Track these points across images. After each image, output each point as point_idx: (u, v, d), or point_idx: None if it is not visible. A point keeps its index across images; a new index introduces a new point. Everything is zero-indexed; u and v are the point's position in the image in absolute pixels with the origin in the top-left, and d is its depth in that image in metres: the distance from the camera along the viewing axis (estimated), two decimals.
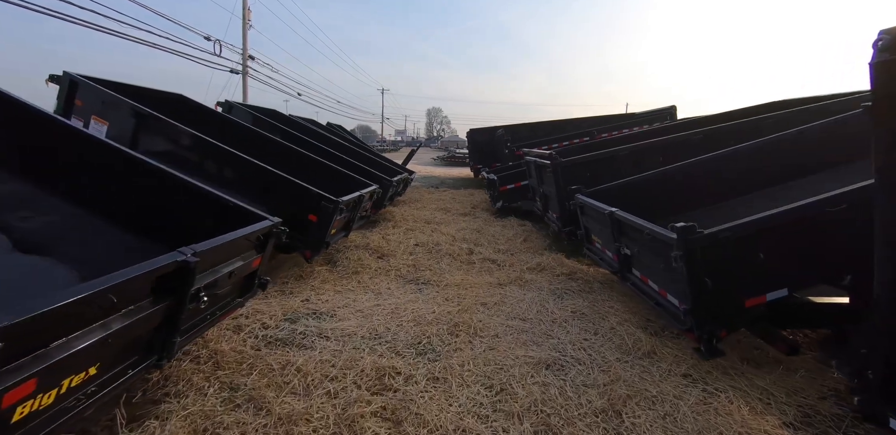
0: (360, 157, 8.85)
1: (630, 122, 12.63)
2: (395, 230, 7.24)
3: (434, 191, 13.89)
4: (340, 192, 5.13)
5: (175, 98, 6.10)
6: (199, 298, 2.07)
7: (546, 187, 6.81)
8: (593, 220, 4.80)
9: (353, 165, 7.15)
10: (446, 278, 4.87)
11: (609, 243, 4.40)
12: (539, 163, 6.80)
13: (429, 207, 10.12)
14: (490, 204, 10.50)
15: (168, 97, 6.05)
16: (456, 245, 6.36)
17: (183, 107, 6.02)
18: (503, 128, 13.40)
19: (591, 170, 5.95)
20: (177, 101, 6.11)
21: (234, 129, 6.01)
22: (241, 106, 7.43)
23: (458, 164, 29.64)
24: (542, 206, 7.35)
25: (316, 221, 4.18)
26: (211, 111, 6.13)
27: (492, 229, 7.80)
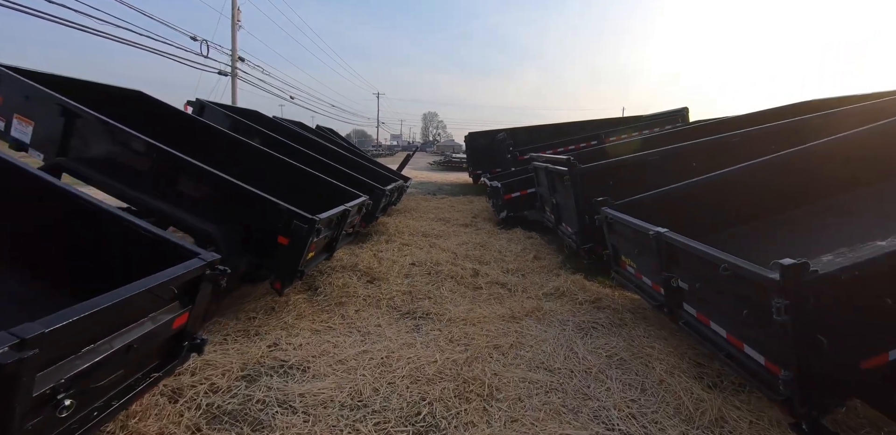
0: (350, 163, 8.01)
1: (640, 124, 11.89)
2: (389, 246, 6.40)
3: (431, 198, 13.06)
4: (324, 205, 4.30)
5: (132, 95, 5.26)
6: (56, 406, 1.24)
7: (560, 197, 6.00)
8: (627, 239, 3.98)
9: (341, 174, 6.32)
10: (449, 310, 4.03)
11: (651, 271, 3.59)
12: (552, 169, 5.99)
13: (426, 217, 9.28)
14: (493, 213, 9.68)
15: (123, 94, 5.20)
16: (458, 264, 5.52)
17: (140, 106, 5.18)
18: (505, 131, 12.63)
19: (614, 177, 5.15)
20: (134, 99, 5.26)
21: (199, 132, 5.17)
22: (215, 106, 6.60)
23: (455, 169, 28.86)
24: (553, 218, 6.53)
25: (287, 245, 3.34)
26: (174, 111, 5.29)
27: (497, 243, 6.97)
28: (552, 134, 13.72)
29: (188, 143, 5.18)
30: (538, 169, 7.15)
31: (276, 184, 5.30)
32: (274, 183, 5.30)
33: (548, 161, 6.37)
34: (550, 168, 6.06)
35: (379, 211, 6.58)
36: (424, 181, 19.43)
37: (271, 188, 5.32)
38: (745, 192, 4.33)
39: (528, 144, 12.33)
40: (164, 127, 5.08)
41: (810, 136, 4.94)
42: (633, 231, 3.65)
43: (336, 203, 4.46)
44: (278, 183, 5.30)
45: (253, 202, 3.37)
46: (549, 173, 6.20)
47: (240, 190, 3.35)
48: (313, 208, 4.43)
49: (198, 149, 5.20)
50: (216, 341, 3.27)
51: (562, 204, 5.96)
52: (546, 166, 6.23)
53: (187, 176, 3.43)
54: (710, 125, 7.47)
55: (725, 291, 2.52)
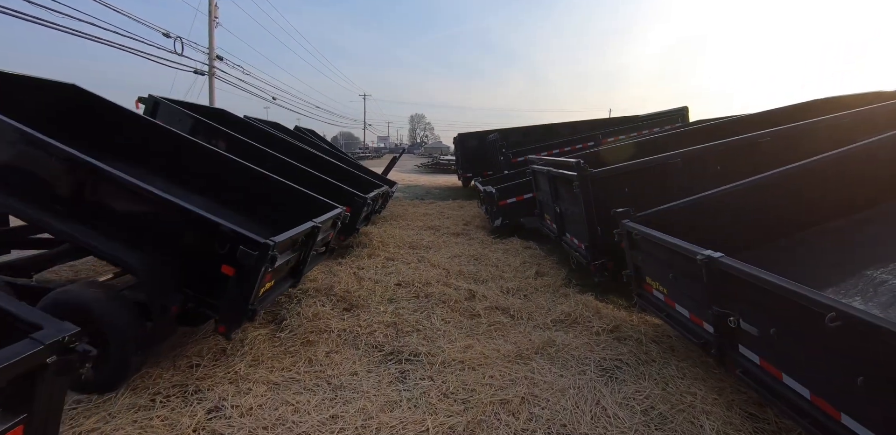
0: (329, 168, 7.25)
1: (639, 124, 11.31)
2: (372, 262, 5.65)
3: (419, 203, 12.32)
4: (293, 219, 3.56)
5: (63, 89, 4.44)
6: None
7: (565, 205, 5.32)
8: (655, 260, 3.30)
9: (316, 181, 5.56)
10: (442, 348, 3.30)
11: (693, 302, 2.91)
12: (555, 174, 5.31)
13: (414, 225, 8.54)
14: (486, 220, 8.98)
15: (52, 88, 4.39)
16: (451, 284, 4.80)
17: (70, 103, 4.37)
18: (496, 132, 11.96)
19: (630, 183, 4.49)
20: (67, 94, 4.45)
21: (143, 134, 4.38)
22: (170, 103, 5.79)
23: (443, 172, 28.15)
24: (556, 228, 5.85)
25: (233, 276, 2.58)
26: (115, 109, 4.48)
27: (493, 255, 6.27)
28: (545, 135, 13.09)
29: (129, 147, 4.40)
30: (538, 173, 6.47)
31: (238, 195, 4.54)
32: (236, 194, 4.54)
33: (550, 164, 5.68)
34: (554, 172, 5.38)
35: (360, 222, 5.83)
36: (412, 185, 18.68)
37: (232, 200, 4.58)
38: (788, 199, 3.69)
39: (521, 146, 11.68)
40: (101, 128, 4.29)
41: (850, 135, 4.35)
42: (668, 251, 2.97)
43: (307, 216, 3.73)
44: (241, 193, 4.53)
45: (187, 222, 2.60)
46: (552, 178, 5.52)
47: (171, 206, 2.59)
48: (280, 224, 3.71)
49: (141, 154, 4.42)
50: (141, 405, 2.50)
51: (567, 213, 5.27)
52: (548, 170, 5.54)
53: (103, 189, 2.65)
54: (723, 124, 6.86)
55: (829, 346, 1.83)
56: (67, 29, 11.70)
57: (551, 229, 6.19)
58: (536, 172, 6.50)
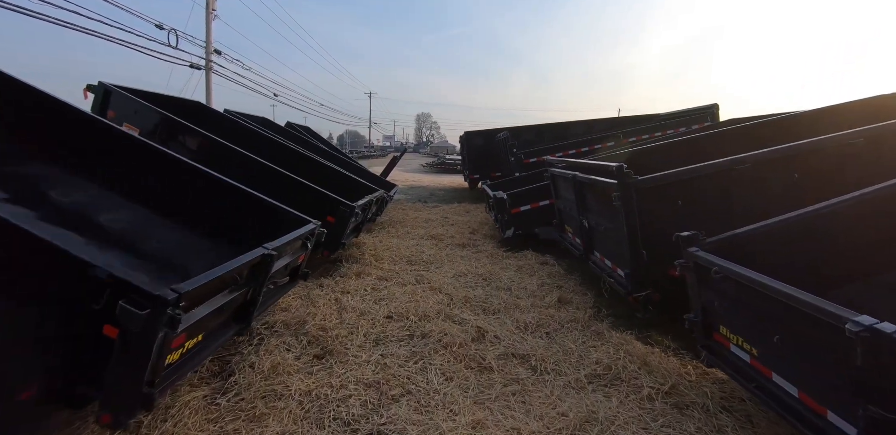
0: (317, 171, 6.34)
1: (665, 123, 10.29)
2: (360, 283, 4.72)
3: (422, 207, 11.38)
4: (259, 238, 2.66)
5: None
6: None
7: (596, 218, 4.36)
8: (746, 308, 2.35)
9: (298, 187, 4.63)
10: (441, 430, 2.35)
11: (819, 385, 1.94)
12: (582, 180, 4.36)
13: (414, 234, 7.60)
14: (494, 228, 8.03)
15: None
16: (454, 317, 3.86)
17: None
18: (506, 130, 10.98)
19: (684, 195, 3.53)
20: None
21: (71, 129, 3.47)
22: (125, 93, 4.88)
23: (448, 172, 27.23)
24: (582, 244, 4.89)
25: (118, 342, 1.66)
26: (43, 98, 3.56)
27: (505, 274, 5.31)
28: (559, 134, 12.11)
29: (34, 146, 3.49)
30: (558, 177, 5.51)
31: (195, 208, 3.62)
32: (192, 207, 3.62)
33: (575, 167, 4.72)
34: (581, 178, 4.42)
35: (347, 235, 4.90)
36: (415, 185, 17.75)
37: (184, 214, 3.68)
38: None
39: (533, 145, 10.72)
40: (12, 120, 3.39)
41: None
42: (776, 303, 2.01)
43: (275, 234, 2.83)
44: (200, 207, 3.61)
45: (39, 257, 1.67)
46: (579, 185, 4.56)
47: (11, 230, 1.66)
48: (244, 245, 2.81)
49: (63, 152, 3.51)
50: None
51: (598, 228, 4.31)
52: (573, 175, 4.58)
53: None
54: (772, 122, 5.85)
55: None
56: (46, 16, 10.87)
57: (575, 245, 5.23)
58: (557, 177, 5.54)
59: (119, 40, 14.07)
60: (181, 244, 3.36)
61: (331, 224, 4.57)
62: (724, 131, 5.76)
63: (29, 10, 10.18)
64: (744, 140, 5.39)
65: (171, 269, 3.13)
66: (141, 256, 3.14)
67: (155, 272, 3.07)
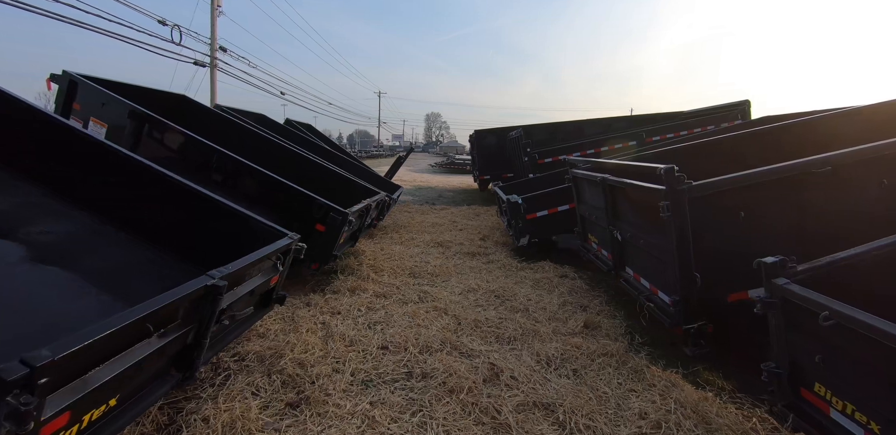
0: (310, 171, 5.76)
1: (692, 121, 9.54)
2: (354, 301, 4.09)
3: (428, 209, 10.75)
4: (231, 253, 2.07)
5: None
6: None
7: (631, 230, 3.69)
8: (868, 369, 1.68)
9: (286, 191, 4.03)
10: None
11: None
12: (614, 183, 3.70)
13: (419, 240, 6.97)
14: (506, 233, 7.37)
15: None
16: (462, 348, 3.22)
17: None
18: (519, 128, 10.31)
19: (747, 204, 2.85)
20: None
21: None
22: (92, 84, 4.32)
23: (457, 172, 26.63)
24: (611, 257, 4.23)
25: None
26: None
27: (521, 291, 4.66)
28: (574, 133, 11.40)
29: None
30: (582, 180, 4.85)
31: (147, 215, 3.03)
32: (145, 213, 3.03)
33: (606, 169, 4.06)
34: (613, 181, 3.75)
35: (340, 246, 4.28)
36: (423, 186, 17.13)
37: (131, 224, 3.08)
38: None
39: (546, 145, 10.03)
40: None
41: None
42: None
43: (240, 250, 2.24)
44: (153, 214, 3.02)
45: None
46: (611, 189, 3.90)
47: None
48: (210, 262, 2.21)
49: None
50: None
51: (635, 241, 3.64)
52: (603, 179, 3.92)
53: None
54: (822, 120, 5.11)
55: None
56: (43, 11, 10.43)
57: (601, 258, 4.56)
58: (580, 179, 4.88)
59: (117, 35, 13.64)
60: (130, 263, 2.77)
61: (321, 233, 3.96)
62: (761, 131, 5.02)
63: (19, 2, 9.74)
64: (785, 136, 4.71)
65: (113, 293, 2.54)
66: (78, 276, 2.55)
67: (93, 297, 2.48)
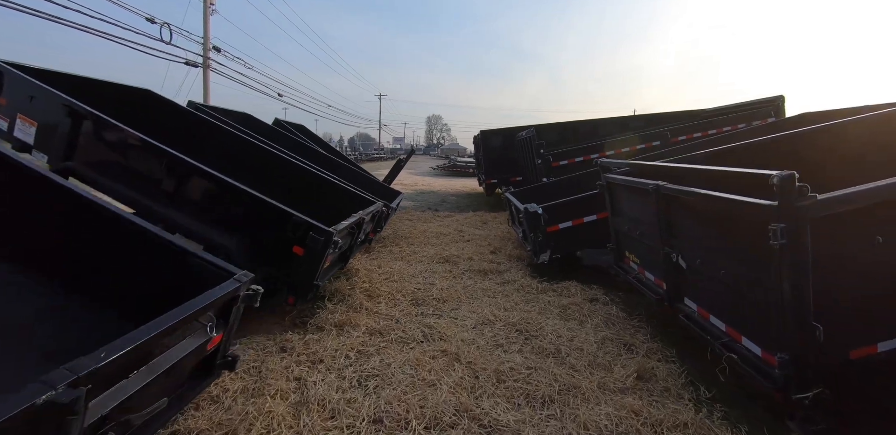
0: (295, 178, 4.95)
1: (717, 120, 8.69)
2: (340, 341, 3.24)
3: (432, 216, 9.90)
4: (152, 300, 1.32)
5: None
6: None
7: (702, 254, 2.84)
8: None
9: (247, 205, 3.18)
10: None
11: None
12: (670, 193, 2.85)
13: (422, 255, 6.13)
14: (519, 243, 6.53)
15: None
16: (483, 420, 2.38)
17: None
18: (531, 128, 9.47)
19: (883, 226, 2.01)
20: None
21: None
22: (20, 73, 3.50)
23: (460, 175, 25.83)
24: (664, 285, 3.38)
25: None
26: None
27: (547, 323, 3.81)
28: (587, 132, 10.52)
29: None
30: (620, 187, 4.01)
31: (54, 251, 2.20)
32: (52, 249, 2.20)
33: (663, 174, 3.21)
34: (670, 190, 2.91)
35: (323, 273, 3.44)
36: (425, 190, 16.29)
37: (38, 266, 2.20)
38: None
39: (557, 146, 9.15)
40: None
41: None
42: None
43: (180, 295, 1.43)
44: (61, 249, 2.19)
45: None
46: (669, 201, 3.05)
47: None
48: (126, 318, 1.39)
49: None
50: None
51: (707, 269, 2.78)
52: (657, 187, 3.07)
53: None
54: (884, 117, 4.24)
55: None
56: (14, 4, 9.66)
57: (647, 284, 3.71)
58: (617, 186, 4.04)
59: (100, 32, 12.86)
60: (40, 314, 1.93)
61: (299, 258, 3.13)
62: (808, 131, 4.13)
63: None
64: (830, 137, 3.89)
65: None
66: None
67: None
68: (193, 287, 1.80)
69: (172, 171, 3.12)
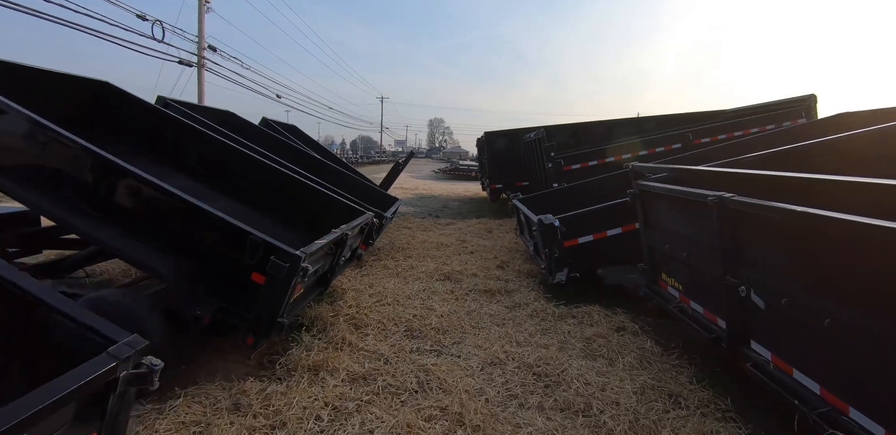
0: (276, 186, 4.28)
1: (745, 120, 7.99)
2: (310, 394, 2.52)
3: (432, 224, 9.20)
4: None
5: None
6: None
7: (803, 295, 2.12)
8: None
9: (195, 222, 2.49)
10: None
11: None
12: (739, 206, 2.16)
13: (420, 270, 5.42)
14: (530, 257, 5.83)
15: None
16: None
17: None
18: (541, 129, 8.77)
19: None
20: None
21: None
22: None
23: (462, 178, 25.14)
24: (725, 325, 2.67)
25: None
26: None
27: (572, 367, 3.09)
28: (600, 134, 9.82)
29: None
30: (655, 196, 3.31)
31: None
32: None
33: (723, 181, 2.51)
34: (743, 205, 2.21)
35: (291, 308, 2.74)
36: (425, 195, 15.61)
37: None
38: None
39: (567, 148, 8.45)
40: None
41: None
42: None
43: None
44: None
45: None
46: (736, 217, 2.34)
47: None
48: None
49: None
50: None
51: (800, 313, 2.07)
52: (720, 199, 2.37)
53: None
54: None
55: None
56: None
57: (698, 319, 3.00)
58: (654, 195, 3.35)
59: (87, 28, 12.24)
60: None
61: (259, 288, 2.43)
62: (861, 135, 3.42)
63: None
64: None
65: None
66: None
67: None
68: (52, 362, 1.12)
69: (96, 175, 2.44)
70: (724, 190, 2.48)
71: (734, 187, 2.48)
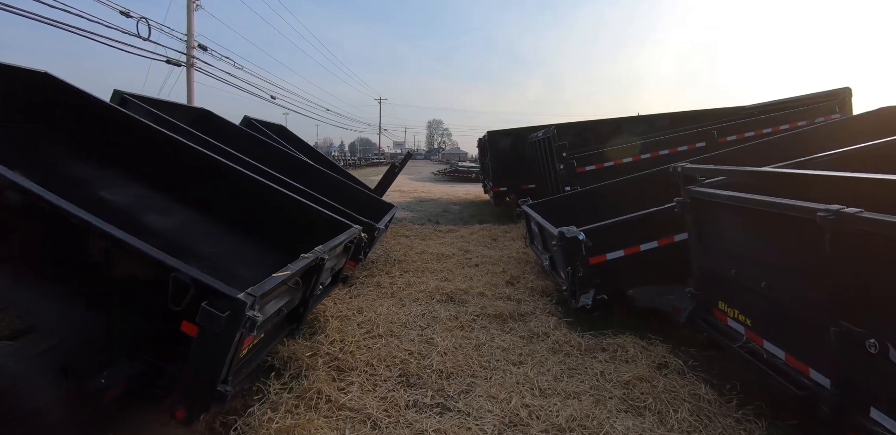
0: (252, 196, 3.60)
1: (771, 117, 7.28)
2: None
3: (432, 232, 8.49)
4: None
5: None
6: None
7: None
8: None
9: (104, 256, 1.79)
10: None
11: None
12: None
13: (418, 289, 4.71)
14: (549, 275, 5.14)
15: None
16: None
17: None
18: (552, 127, 8.05)
19: None
20: None
21: None
22: None
23: (462, 180, 24.45)
24: (830, 381, 1.97)
25: None
26: None
27: (615, 430, 2.39)
28: (609, 133, 9.08)
29: None
30: (715, 207, 2.61)
31: None
32: None
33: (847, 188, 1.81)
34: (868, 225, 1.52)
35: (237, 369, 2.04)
36: (424, 198, 14.89)
37: None
38: None
39: (575, 149, 7.73)
40: None
41: None
42: None
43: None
44: None
45: None
46: (864, 241, 1.65)
47: None
48: None
49: None
50: None
51: None
52: (839, 215, 1.68)
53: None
54: None
55: None
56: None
57: (783, 371, 2.30)
58: (714, 204, 2.65)
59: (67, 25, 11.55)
60: None
61: (192, 342, 1.73)
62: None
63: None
64: None
65: None
66: None
67: None
68: None
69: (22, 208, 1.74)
70: (825, 201, 1.79)
71: (841, 199, 1.79)
